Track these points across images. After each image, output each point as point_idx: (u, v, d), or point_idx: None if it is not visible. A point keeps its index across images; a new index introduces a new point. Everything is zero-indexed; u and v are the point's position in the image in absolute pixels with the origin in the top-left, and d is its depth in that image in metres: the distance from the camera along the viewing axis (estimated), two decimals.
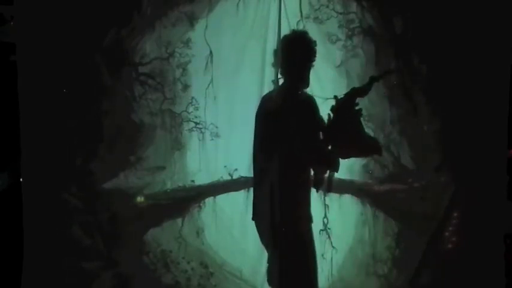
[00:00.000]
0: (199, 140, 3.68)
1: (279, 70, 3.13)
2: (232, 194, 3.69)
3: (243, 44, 3.55)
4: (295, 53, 3.11)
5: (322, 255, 3.50)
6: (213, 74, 3.62)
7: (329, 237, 3.56)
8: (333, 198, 3.59)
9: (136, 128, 3.52)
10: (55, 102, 3.29)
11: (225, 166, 3.64)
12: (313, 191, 3.21)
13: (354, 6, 3.56)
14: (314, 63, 3.18)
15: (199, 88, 3.64)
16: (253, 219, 3.24)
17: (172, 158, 3.64)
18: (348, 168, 3.61)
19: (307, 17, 3.57)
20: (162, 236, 3.63)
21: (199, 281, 3.62)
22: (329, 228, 3.56)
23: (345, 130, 2.94)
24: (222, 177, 3.67)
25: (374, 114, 3.57)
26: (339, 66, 3.60)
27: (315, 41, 3.17)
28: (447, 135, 3.44)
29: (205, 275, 3.64)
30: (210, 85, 3.62)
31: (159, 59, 3.55)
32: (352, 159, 3.53)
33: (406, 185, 3.56)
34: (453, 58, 3.36)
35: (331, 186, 3.18)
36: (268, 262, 3.27)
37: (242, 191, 3.64)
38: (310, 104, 3.11)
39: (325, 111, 3.08)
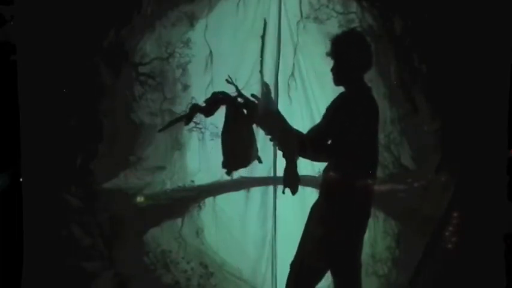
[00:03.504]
0: (199, 140, 3.67)
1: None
2: (232, 194, 3.70)
3: (243, 44, 3.55)
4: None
5: None
6: (213, 74, 3.62)
7: None
8: None
9: (136, 128, 3.52)
10: (55, 102, 3.29)
11: None
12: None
13: (354, 6, 3.56)
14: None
15: (199, 88, 3.64)
16: None
17: (172, 158, 3.64)
18: None
19: (307, 17, 3.58)
20: (161, 236, 3.63)
21: (199, 281, 3.62)
22: None
23: None
24: (222, 177, 3.67)
25: None
26: None
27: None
28: (447, 135, 3.44)
29: (205, 275, 3.64)
30: (210, 85, 3.62)
31: (159, 59, 3.55)
32: None
33: (406, 185, 3.56)
34: (453, 58, 3.36)
35: None
36: None
37: (242, 191, 3.65)
38: None
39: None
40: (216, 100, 2.80)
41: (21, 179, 3.37)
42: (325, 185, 2.80)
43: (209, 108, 2.81)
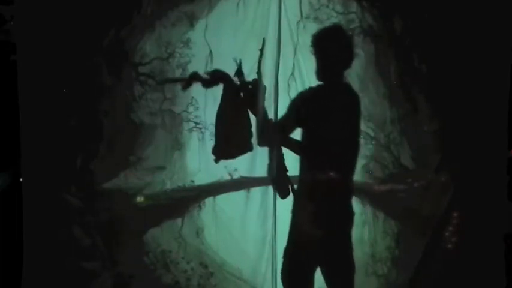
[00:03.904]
0: (199, 140, 3.67)
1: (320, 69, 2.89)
2: (232, 194, 3.70)
3: (243, 44, 3.54)
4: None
5: None
6: None
7: None
8: None
9: (136, 128, 3.52)
10: (55, 102, 3.29)
11: (225, 166, 3.63)
12: None
13: (354, 6, 3.56)
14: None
15: (199, 88, 3.63)
16: None
17: (172, 158, 3.64)
18: None
19: (307, 17, 3.58)
20: (161, 236, 3.63)
21: (199, 281, 3.62)
22: None
23: None
24: (222, 177, 3.67)
25: (374, 114, 3.57)
26: None
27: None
28: (447, 135, 3.44)
29: (205, 275, 3.64)
30: None
31: (159, 59, 3.55)
32: None
33: (406, 185, 3.56)
34: (453, 58, 3.36)
35: None
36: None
37: (242, 191, 3.64)
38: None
39: None
40: (215, 75, 2.84)
41: (21, 179, 3.37)
42: (303, 183, 2.79)
43: (208, 80, 2.86)
